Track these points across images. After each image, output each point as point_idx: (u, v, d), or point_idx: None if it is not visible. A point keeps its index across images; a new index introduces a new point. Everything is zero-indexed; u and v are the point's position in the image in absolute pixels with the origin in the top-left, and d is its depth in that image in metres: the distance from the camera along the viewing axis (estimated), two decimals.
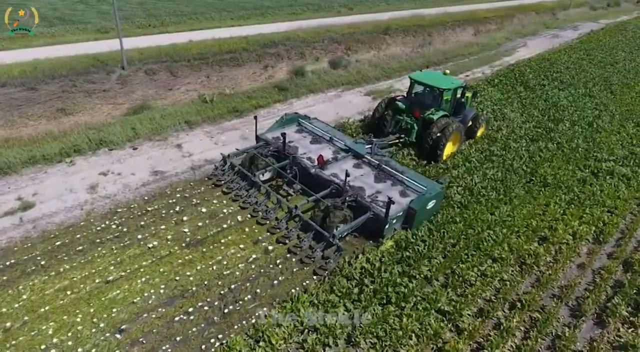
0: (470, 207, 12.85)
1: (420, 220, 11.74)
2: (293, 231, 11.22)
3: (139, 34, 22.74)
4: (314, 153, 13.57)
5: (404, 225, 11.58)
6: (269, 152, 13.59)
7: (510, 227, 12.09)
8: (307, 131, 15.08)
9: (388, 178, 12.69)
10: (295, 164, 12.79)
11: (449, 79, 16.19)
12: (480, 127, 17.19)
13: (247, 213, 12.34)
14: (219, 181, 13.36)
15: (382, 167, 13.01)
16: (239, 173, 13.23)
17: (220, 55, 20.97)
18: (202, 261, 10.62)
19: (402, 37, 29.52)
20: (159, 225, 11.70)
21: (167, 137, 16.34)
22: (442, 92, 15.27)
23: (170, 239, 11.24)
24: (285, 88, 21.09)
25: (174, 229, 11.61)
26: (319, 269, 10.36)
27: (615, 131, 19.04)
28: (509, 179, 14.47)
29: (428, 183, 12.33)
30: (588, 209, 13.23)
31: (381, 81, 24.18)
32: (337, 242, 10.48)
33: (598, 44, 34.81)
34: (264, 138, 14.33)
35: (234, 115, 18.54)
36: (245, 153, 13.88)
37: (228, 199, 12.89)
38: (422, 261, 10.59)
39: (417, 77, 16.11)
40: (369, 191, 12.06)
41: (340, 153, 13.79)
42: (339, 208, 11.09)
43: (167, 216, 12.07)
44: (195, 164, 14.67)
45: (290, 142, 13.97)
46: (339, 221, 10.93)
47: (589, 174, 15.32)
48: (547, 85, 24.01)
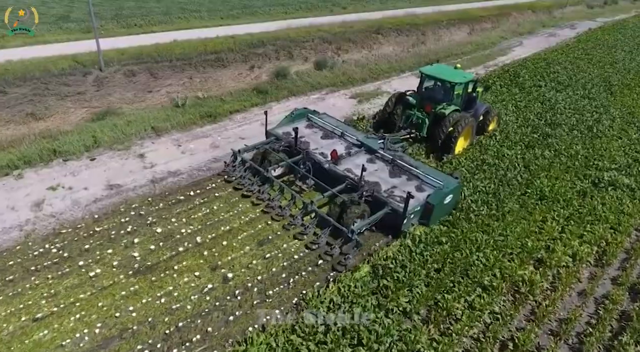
0: (458, 225, 11.53)
1: (438, 215, 11.42)
2: (310, 227, 10.90)
3: (124, 34, 21.55)
4: (326, 148, 13.34)
5: (421, 220, 11.35)
6: (281, 148, 13.35)
7: (502, 248, 10.77)
8: (318, 126, 14.83)
9: (403, 173, 12.46)
10: (309, 159, 12.57)
11: (460, 73, 15.88)
12: (491, 122, 16.83)
13: (207, 234, 11.00)
14: (230, 178, 12.88)
15: (397, 162, 12.73)
16: (250, 169, 12.88)
17: (205, 55, 19.91)
18: (149, 293, 9.26)
19: (394, 36, 28.37)
20: (106, 249, 10.34)
21: (131, 146, 14.98)
22: (454, 86, 14.97)
23: (116, 265, 9.89)
24: (265, 91, 19.75)
25: (122, 253, 10.25)
26: (337, 265, 10.07)
27: (616, 136, 17.72)
28: (502, 191, 13.15)
29: (444, 178, 11.98)
30: (589, 226, 11.93)
31: (368, 83, 22.84)
32: (356, 238, 10.16)
33: (596, 43, 33.52)
34: (274, 133, 14.02)
35: (207, 120, 17.19)
36: (256, 149, 13.59)
37: (188, 217, 11.55)
38: (401, 291, 9.26)
39: (427, 71, 15.66)
40: (385, 186, 11.80)
41: (352, 148, 13.58)
42: (356, 203, 10.89)
43: (116, 238, 10.71)
44: (157, 177, 13.32)
45: (301, 138, 13.63)
46: (356, 216, 10.74)
47: (589, 185, 14.00)
48: (543, 87, 22.67)
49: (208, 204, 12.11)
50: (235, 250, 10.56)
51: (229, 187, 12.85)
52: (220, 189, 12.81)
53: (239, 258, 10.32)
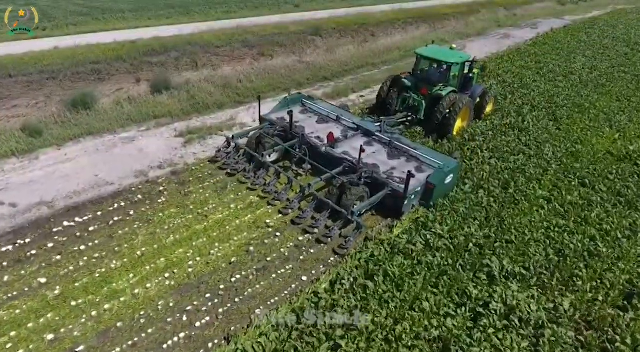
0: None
1: (438, 196, 11.31)
2: (308, 211, 10.63)
3: (12, 39, 17.90)
4: (321, 132, 13.25)
5: (421, 202, 11.26)
6: (275, 132, 13.30)
7: None
8: (312, 111, 14.74)
9: (401, 155, 12.44)
10: (305, 143, 12.57)
11: (456, 53, 15.78)
12: (489, 104, 16.72)
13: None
14: (225, 165, 12.68)
15: (395, 144, 12.71)
16: (245, 154, 12.73)
17: (82, 66, 16.43)
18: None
19: (336, 38, 25.12)
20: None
21: None
22: (450, 67, 14.83)
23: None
24: (39, 131, 13.44)
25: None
26: (338, 249, 9.85)
27: (537, 205, 11.62)
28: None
29: (443, 158, 12.07)
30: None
31: (225, 110, 16.75)
32: (357, 219, 10.08)
33: (554, 47, 27.86)
34: (268, 119, 13.92)
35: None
36: (249, 134, 13.50)
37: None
38: None
39: (423, 52, 15.49)
40: (384, 168, 11.73)
41: (349, 131, 13.53)
42: (356, 184, 10.83)
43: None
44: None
45: (296, 122, 13.53)
46: (356, 198, 10.60)
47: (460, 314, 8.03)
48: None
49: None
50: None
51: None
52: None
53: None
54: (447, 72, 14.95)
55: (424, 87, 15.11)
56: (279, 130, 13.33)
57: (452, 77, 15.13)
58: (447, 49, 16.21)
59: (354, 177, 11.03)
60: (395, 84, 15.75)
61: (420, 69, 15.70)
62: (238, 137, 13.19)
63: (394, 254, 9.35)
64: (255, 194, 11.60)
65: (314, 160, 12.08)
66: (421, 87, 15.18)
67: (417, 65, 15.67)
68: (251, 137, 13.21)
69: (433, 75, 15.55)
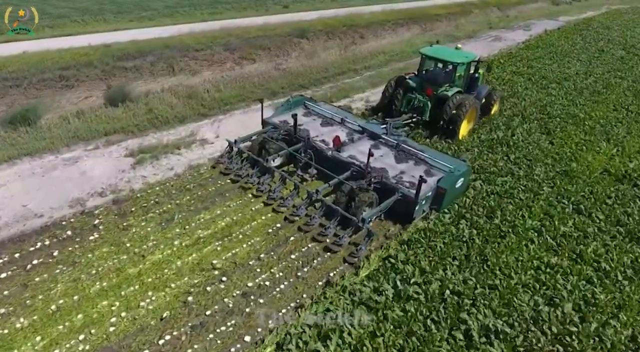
0: None
1: (449, 200, 10.95)
2: (316, 218, 10.24)
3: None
4: (326, 136, 12.83)
5: (432, 206, 10.87)
6: (279, 136, 12.86)
7: None
8: (315, 114, 14.38)
9: (409, 158, 12.02)
10: (310, 147, 12.12)
11: (461, 53, 15.29)
12: (495, 104, 16.47)
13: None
14: (227, 170, 12.16)
15: (402, 147, 12.33)
16: (248, 159, 12.37)
17: (50, 72, 15.19)
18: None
19: (323, 41, 24.19)
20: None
21: None
22: (456, 67, 14.51)
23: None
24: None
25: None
26: (349, 257, 9.42)
27: (526, 238, 10.23)
28: None
29: (453, 161, 11.63)
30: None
31: (187, 123, 15.24)
32: (368, 227, 9.65)
33: (547, 50, 26.57)
34: (271, 122, 13.50)
35: None
36: (253, 138, 13.01)
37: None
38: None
39: (427, 52, 15.11)
40: (392, 172, 11.32)
41: (354, 134, 13.14)
42: (365, 190, 10.38)
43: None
44: None
45: (300, 126, 13.04)
46: (365, 204, 10.20)
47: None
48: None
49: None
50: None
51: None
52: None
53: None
54: (453, 72, 14.65)
55: (429, 87, 14.72)
56: (283, 134, 12.93)
57: (458, 77, 14.84)
58: (452, 49, 15.71)
59: (363, 182, 10.57)
60: (400, 85, 15.36)
61: (425, 69, 15.39)
62: (240, 141, 12.74)
63: (355, 306, 7.94)
64: (203, 227, 10.18)
65: (320, 164, 11.69)
66: (426, 88, 14.78)
67: (421, 65, 15.31)
68: (254, 141, 12.76)
69: (438, 75, 15.26)
